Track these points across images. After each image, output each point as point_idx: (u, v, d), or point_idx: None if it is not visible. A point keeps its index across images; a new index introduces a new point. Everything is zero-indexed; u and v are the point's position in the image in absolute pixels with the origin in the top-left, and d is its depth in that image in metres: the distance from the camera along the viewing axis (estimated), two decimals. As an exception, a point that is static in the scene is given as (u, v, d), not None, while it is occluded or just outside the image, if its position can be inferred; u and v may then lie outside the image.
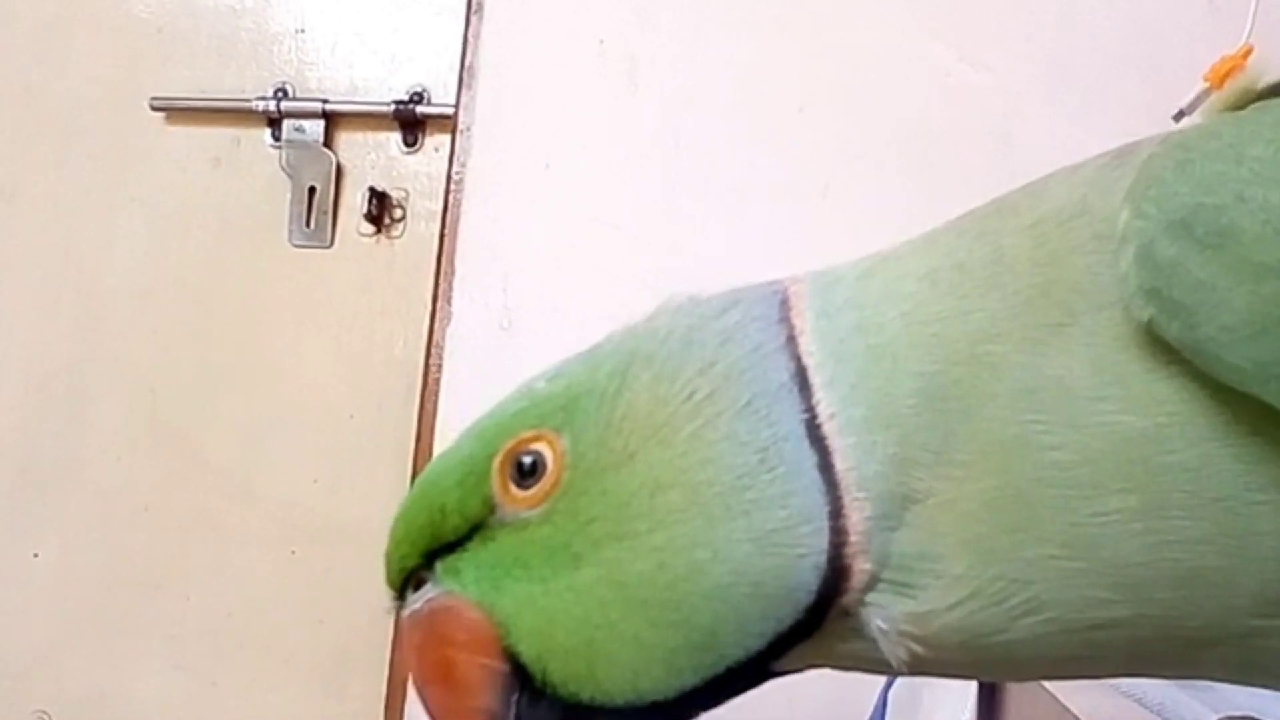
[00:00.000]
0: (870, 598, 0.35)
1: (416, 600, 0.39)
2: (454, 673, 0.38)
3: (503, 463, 0.37)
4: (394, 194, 1.46)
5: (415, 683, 0.39)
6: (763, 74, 1.29)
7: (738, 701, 0.38)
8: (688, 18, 1.30)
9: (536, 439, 0.37)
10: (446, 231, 1.35)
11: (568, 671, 0.36)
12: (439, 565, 0.39)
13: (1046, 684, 0.76)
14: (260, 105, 1.45)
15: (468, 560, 0.38)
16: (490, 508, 0.38)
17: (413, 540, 0.39)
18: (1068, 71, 1.26)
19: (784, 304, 0.38)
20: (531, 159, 1.33)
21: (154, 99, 1.48)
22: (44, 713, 1.45)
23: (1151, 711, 0.72)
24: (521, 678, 0.37)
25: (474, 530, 0.38)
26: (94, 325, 1.48)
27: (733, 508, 0.35)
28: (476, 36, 1.35)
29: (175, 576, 1.44)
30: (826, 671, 0.38)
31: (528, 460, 0.37)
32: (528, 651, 0.37)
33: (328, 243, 1.45)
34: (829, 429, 0.35)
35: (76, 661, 1.45)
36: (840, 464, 0.35)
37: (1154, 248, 0.32)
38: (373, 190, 1.43)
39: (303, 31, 1.49)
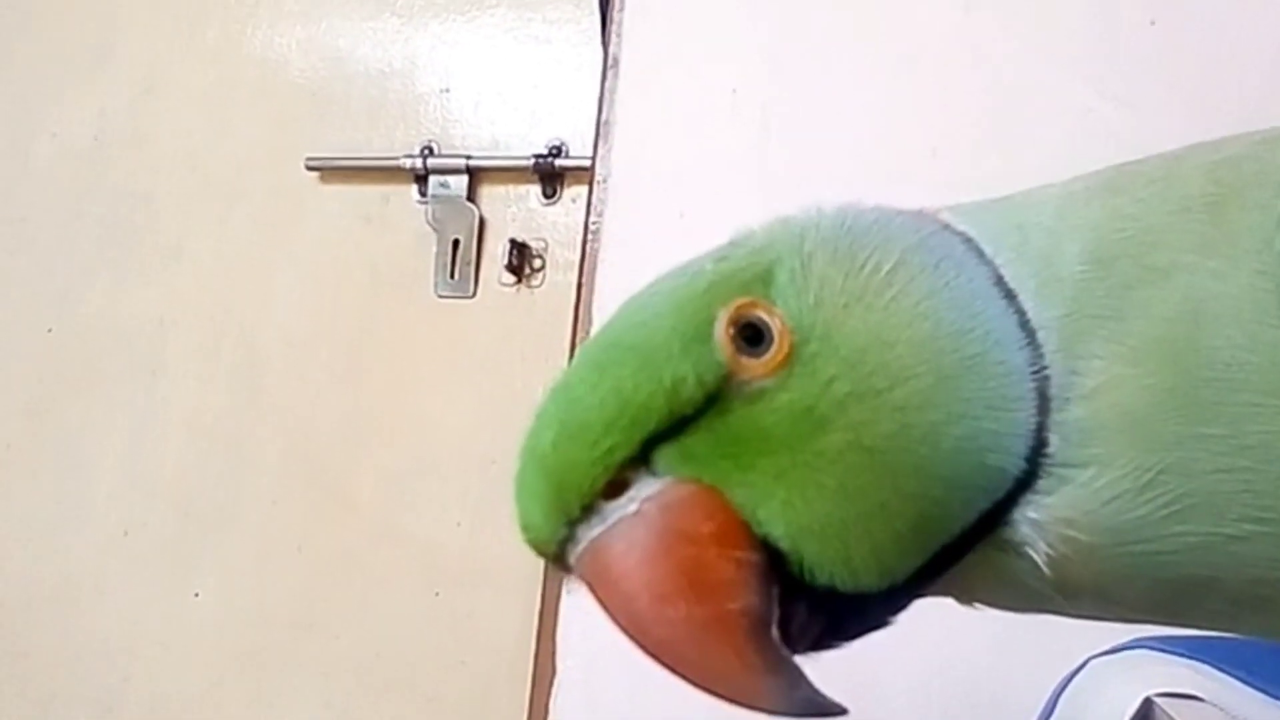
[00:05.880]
0: (1035, 487, 0.33)
1: (619, 510, 0.33)
2: (704, 575, 0.33)
3: (728, 329, 0.34)
4: (534, 245, 1.50)
5: (634, 612, 0.33)
6: (894, 117, 1.29)
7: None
8: (818, 64, 1.31)
9: (753, 305, 0.34)
10: (584, 280, 1.37)
11: (825, 552, 0.33)
12: (659, 454, 0.34)
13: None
14: (408, 163, 1.51)
15: (701, 440, 0.34)
16: (724, 377, 0.33)
17: (633, 425, 0.34)
18: (1211, 107, 1.23)
19: (927, 213, 0.38)
20: (666, 208, 1.35)
21: (309, 160, 1.55)
22: (203, 747, 1.51)
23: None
24: (776, 569, 0.33)
25: (707, 405, 0.34)
26: (252, 375, 1.56)
27: (957, 363, 0.33)
28: (612, 91, 1.38)
29: (326, 616, 1.49)
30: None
31: (756, 325, 0.34)
32: (782, 531, 0.33)
33: (471, 293, 1.50)
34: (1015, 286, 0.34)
35: (234, 696, 1.50)
36: (1034, 319, 0.34)
37: None
38: (513, 241, 1.48)
39: (447, 91, 1.55)
